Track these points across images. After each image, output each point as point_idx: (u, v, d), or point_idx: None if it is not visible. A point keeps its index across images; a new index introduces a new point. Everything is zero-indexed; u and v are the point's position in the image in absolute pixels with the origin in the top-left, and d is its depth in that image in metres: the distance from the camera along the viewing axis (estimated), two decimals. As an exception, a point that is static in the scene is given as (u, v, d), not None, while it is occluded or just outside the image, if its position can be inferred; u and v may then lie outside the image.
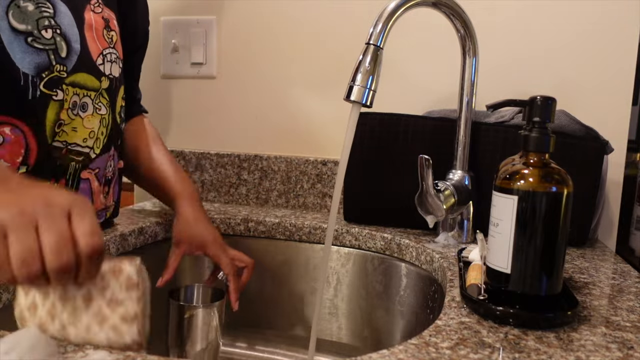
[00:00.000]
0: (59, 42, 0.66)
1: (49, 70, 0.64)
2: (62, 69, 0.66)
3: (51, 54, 0.64)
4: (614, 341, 0.48)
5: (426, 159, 0.73)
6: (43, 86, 0.64)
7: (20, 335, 0.41)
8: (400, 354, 0.44)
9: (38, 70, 0.63)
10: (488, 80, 0.91)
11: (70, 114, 0.68)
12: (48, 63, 0.64)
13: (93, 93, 0.71)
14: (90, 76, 0.70)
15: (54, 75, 0.65)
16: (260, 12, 1.07)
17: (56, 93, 0.66)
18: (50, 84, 0.65)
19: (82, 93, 0.69)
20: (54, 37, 0.65)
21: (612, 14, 0.90)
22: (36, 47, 0.63)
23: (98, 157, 0.74)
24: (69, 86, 0.67)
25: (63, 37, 0.66)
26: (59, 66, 0.65)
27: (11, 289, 0.60)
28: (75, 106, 0.69)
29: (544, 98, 0.54)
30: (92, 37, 0.71)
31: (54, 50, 0.65)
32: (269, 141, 1.09)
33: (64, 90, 0.66)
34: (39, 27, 0.63)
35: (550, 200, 0.52)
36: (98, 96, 0.72)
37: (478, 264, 0.63)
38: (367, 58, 0.66)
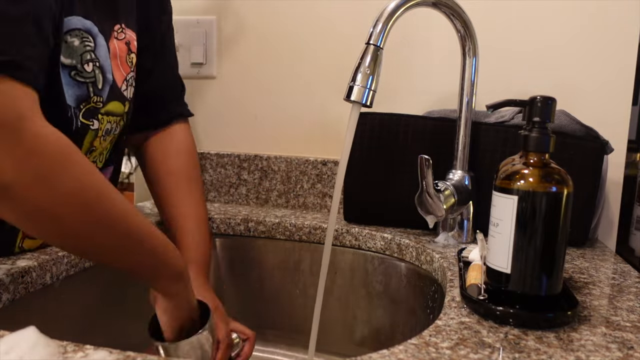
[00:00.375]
0: (97, 74, 0.67)
1: (86, 102, 0.66)
2: (99, 100, 0.68)
3: (90, 86, 0.66)
4: (614, 341, 0.48)
5: (426, 159, 0.73)
6: (82, 117, 0.66)
7: (20, 335, 0.41)
8: (400, 354, 0.44)
9: (78, 102, 0.65)
10: (488, 80, 0.91)
11: (101, 140, 0.71)
12: (87, 95, 0.66)
13: (119, 118, 0.73)
14: (119, 103, 0.72)
15: (90, 106, 0.67)
16: (260, 12, 1.07)
17: (92, 123, 0.68)
18: (87, 114, 0.67)
19: (112, 120, 0.72)
20: (93, 70, 0.66)
21: (612, 13, 0.90)
22: (78, 80, 0.64)
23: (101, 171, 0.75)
24: (104, 115, 0.69)
25: (100, 69, 0.68)
26: (95, 97, 0.67)
27: (11, 289, 0.60)
28: (106, 133, 0.71)
29: (544, 98, 0.54)
30: (117, 65, 0.72)
31: (92, 83, 0.66)
32: (269, 141, 1.09)
33: (99, 119, 0.69)
34: (82, 62, 0.65)
35: (550, 200, 0.52)
36: (120, 120, 0.74)
37: (478, 264, 0.63)
38: (367, 58, 0.66)
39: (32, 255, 0.66)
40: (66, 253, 0.68)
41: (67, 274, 0.69)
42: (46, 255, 0.66)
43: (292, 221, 0.93)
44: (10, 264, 0.62)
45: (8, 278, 0.59)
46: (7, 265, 0.62)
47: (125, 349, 0.43)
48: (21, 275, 0.61)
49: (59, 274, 0.67)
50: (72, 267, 0.69)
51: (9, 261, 0.63)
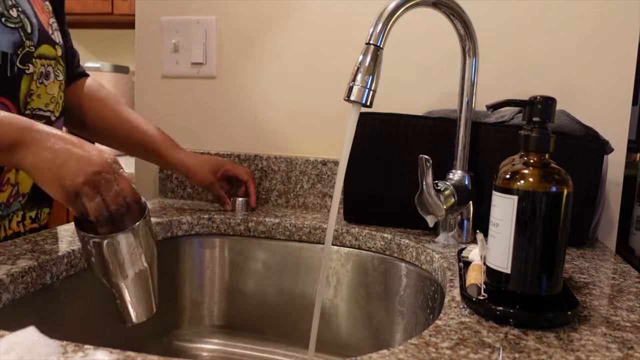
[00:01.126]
0: (24, 19, 0.70)
1: (22, 46, 0.68)
2: (31, 44, 0.70)
3: (21, 31, 0.68)
4: (614, 341, 0.48)
5: (426, 159, 0.73)
6: (19, 62, 0.68)
7: (20, 335, 0.41)
8: (400, 354, 0.44)
9: (14, 47, 0.67)
10: (488, 80, 0.91)
11: (37, 83, 0.73)
12: (20, 40, 0.68)
13: (53, 62, 0.75)
14: (49, 46, 0.74)
15: (25, 50, 0.69)
16: (260, 11, 1.07)
17: (28, 67, 0.70)
18: (24, 59, 0.69)
19: (46, 63, 0.74)
20: (19, 15, 0.69)
21: (612, 14, 0.90)
22: (9, 27, 0.67)
23: (58, 120, 0.79)
24: (36, 59, 0.71)
25: (24, 14, 0.70)
26: (28, 42, 0.69)
27: (11, 289, 0.60)
28: (41, 76, 0.73)
29: (543, 98, 0.54)
30: (40, 10, 0.74)
31: (22, 28, 0.69)
32: (269, 141, 1.09)
33: (33, 63, 0.71)
34: (7, 7, 0.67)
35: (550, 200, 0.52)
36: (56, 64, 0.76)
37: (478, 264, 0.63)
38: (367, 58, 0.66)
39: (32, 255, 0.66)
40: (66, 253, 0.68)
41: (67, 274, 0.69)
42: (46, 255, 0.66)
43: (292, 221, 0.93)
44: (10, 264, 0.62)
45: (8, 278, 0.59)
46: (7, 265, 0.62)
47: (125, 349, 0.43)
48: (21, 275, 0.61)
49: (59, 274, 0.67)
50: (72, 267, 0.69)
51: (9, 261, 0.63)
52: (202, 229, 0.95)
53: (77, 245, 0.71)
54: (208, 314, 0.96)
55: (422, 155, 0.73)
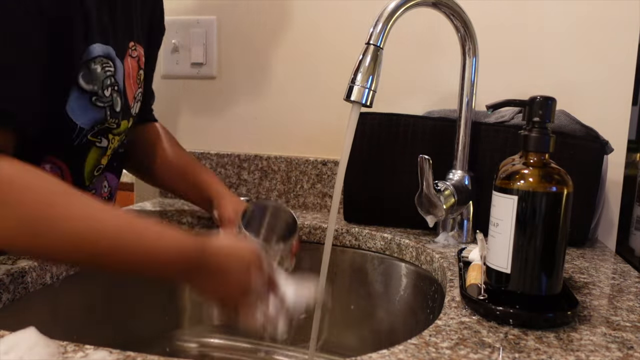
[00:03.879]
0: (115, 98, 0.67)
1: (101, 124, 0.66)
2: (114, 122, 0.68)
3: (108, 110, 0.66)
4: (614, 341, 0.48)
5: (426, 159, 0.73)
6: (91, 135, 0.66)
7: (20, 335, 0.41)
8: (400, 354, 0.44)
9: (94, 124, 0.65)
10: (488, 80, 0.91)
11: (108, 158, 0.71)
12: (103, 119, 0.66)
13: (124, 135, 0.74)
14: (126, 122, 0.72)
15: (104, 127, 0.67)
16: (261, 12, 1.07)
17: (100, 140, 0.68)
18: (98, 133, 0.67)
19: (121, 137, 0.72)
20: (111, 94, 0.66)
21: (612, 13, 0.90)
22: (98, 106, 0.65)
23: (96, 181, 0.75)
24: (115, 135, 0.70)
25: (119, 93, 0.68)
26: (111, 120, 0.67)
27: (11, 289, 0.60)
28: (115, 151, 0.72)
29: (543, 98, 0.54)
30: (129, 85, 0.72)
31: (110, 107, 0.66)
32: (269, 141, 1.09)
33: (109, 139, 0.69)
34: (103, 87, 0.65)
35: (550, 200, 0.52)
36: (124, 136, 0.74)
37: (478, 264, 0.63)
38: (367, 58, 0.66)
39: (32, 255, 0.66)
40: (66, 253, 0.68)
41: (67, 274, 0.69)
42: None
43: (292, 221, 0.93)
44: (10, 264, 0.62)
45: (8, 278, 0.59)
46: (7, 265, 0.62)
47: (126, 349, 0.43)
48: (21, 275, 0.61)
49: (59, 274, 0.67)
50: (72, 267, 0.69)
51: (9, 261, 0.63)
52: (202, 229, 0.95)
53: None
54: (208, 314, 0.96)
55: (422, 155, 0.73)
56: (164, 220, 0.91)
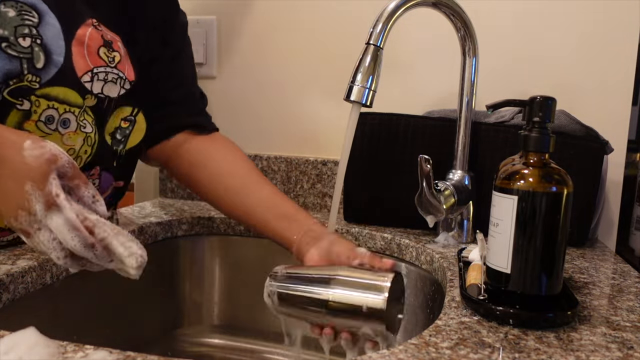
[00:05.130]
0: (37, 52, 0.63)
1: (18, 78, 0.62)
2: (35, 80, 0.63)
3: (24, 62, 0.62)
4: (614, 341, 0.48)
5: (426, 159, 0.73)
6: (7, 93, 0.62)
7: (20, 335, 0.41)
8: (400, 354, 0.44)
9: (6, 77, 0.61)
10: (488, 81, 0.91)
11: (43, 127, 0.65)
12: (19, 71, 0.62)
13: (77, 109, 0.68)
14: (72, 92, 0.67)
15: (23, 84, 0.62)
16: (260, 12, 1.07)
17: (21, 102, 0.63)
18: (16, 92, 0.62)
19: (62, 108, 0.66)
20: (31, 46, 0.62)
21: (612, 13, 0.90)
22: (9, 54, 0.61)
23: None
24: (40, 98, 0.64)
25: (42, 47, 0.63)
26: (30, 76, 0.63)
27: (11, 289, 0.60)
28: (53, 120, 0.66)
29: (543, 98, 0.54)
30: (80, 53, 0.68)
31: (28, 60, 0.62)
32: (269, 141, 1.09)
33: (32, 101, 0.64)
34: (17, 34, 0.61)
35: (550, 200, 0.52)
36: (82, 113, 0.69)
37: (478, 264, 0.63)
38: (367, 58, 0.66)
39: (32, 255, 0.66)
40: (66, 253, 0.68)
41: (67, 274, 0.69)
42: (46, 255, 0.66)
43: (292, 221, 0.93)
44: (10, 264, 0.62)
45: (8, 278, 0.59)
46: (7, 265, 0.62)
47: (125, 349, 0.43)
48: (21, 275, 0.61)
49: (59, 274, 0.67)
50: (72, 267, 0.69)
51: (9, 261, 0.63)
52: (202, 229, 0.95)
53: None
54: (208, 314, 0.96)
55: (422, 155, 0.73)
56: (163, 219, 0.91)
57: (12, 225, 0.50)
